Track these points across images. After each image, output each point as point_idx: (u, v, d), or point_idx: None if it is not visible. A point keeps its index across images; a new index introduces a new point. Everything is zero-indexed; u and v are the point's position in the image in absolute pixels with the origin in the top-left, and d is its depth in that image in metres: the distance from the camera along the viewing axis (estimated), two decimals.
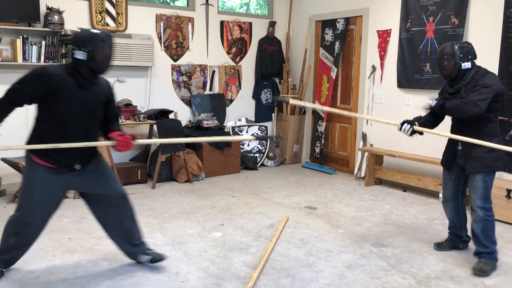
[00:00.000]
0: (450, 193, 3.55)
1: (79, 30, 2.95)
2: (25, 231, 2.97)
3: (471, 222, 3.36)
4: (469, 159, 3.31)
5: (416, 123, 3.44)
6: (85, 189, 3.11)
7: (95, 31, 2.95)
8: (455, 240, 3.67)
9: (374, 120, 3.56)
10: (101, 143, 3.09)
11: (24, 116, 4.81)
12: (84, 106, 2.89)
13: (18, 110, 2.87)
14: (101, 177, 3.10)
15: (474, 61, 3.30)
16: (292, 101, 3.31)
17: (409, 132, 3.39)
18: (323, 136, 6.75)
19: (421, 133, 3.46)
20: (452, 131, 3.41)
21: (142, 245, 3.31)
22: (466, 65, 3.23)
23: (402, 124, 3.42)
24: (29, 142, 2.91)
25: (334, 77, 6.55)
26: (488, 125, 3.26)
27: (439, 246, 3.69)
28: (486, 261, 3.30)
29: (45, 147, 2.80)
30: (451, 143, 3.48)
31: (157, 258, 3.28)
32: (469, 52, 3.25)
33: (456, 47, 3.24)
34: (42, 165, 2.88)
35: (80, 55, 2.82)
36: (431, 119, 3.54)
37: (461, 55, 3.22)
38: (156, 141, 3.05)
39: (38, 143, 2.84)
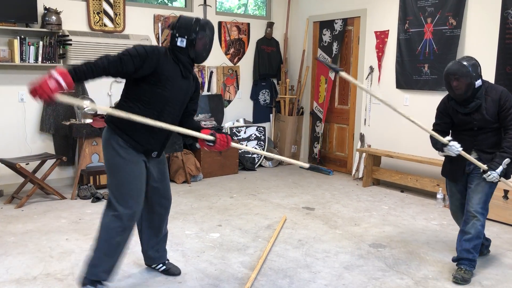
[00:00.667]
0: (457, 206, 3.43)
1: (181, 17, 2.86)
2: (132, 224, 2.78)
3: (466, 227, 3.19)
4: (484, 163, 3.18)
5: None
6: (150, 178, 2.92)
7: (199, 19, 2.83)
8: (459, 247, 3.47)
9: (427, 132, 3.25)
10: (202, 136, 2.83)
11: None
12: (181, 95, 2.82)
13: None
14: (163, 173, 3.01)
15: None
16: (342, 74, 3.21)
17: (457, 151, 3.15)
18: (321, 137, 6.76)
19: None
20: (466, 147, 3.20)
21: (164, 255, 3.21)
22: (478, 82, 3.10)
23: (450, 141, 3.16)
24: (118, 120, 2.67)
25: (333, 78, 6.56)
26: (498, 135, 3.22)
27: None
28: (466, 269, 3.17)
29: (146, 122, 2.59)
30: (461, 156, 3.21)
31: (173, 272, 3.18)
32: (478, 69, 3.12)
33: (469, 66, 3.05)
34: (127, 146, 2.71)
35: (181, 42, 2.75)
36: (443, 128, 3.38)
37: (474, 74, 3.06)
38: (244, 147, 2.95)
39: (129, 123, 2.61)
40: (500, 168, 3.09)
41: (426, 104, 5.24)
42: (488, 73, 4.78)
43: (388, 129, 5.87)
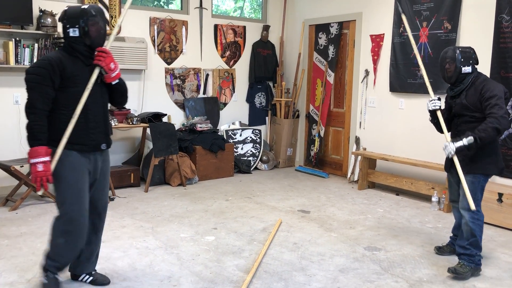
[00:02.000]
0: (455, 196, 3.54)
1: (67, 8, 2.87)
2: (73, 228, 2.80)
3: (462, 225, 3.36)
4: (462, 160, 3.30)
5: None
6: (93, 179, 2.92)
7: (84, 6, 2.85)
8: (455, 244, 3.59)
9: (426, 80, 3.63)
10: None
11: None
12: (95, 82, 2.82)
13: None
14: (106, 175, 3.05)
15: (476, 66, 3.34)
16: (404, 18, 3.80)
17: (433, 107, 3.41)
18: (322, 140, 6.75)
19: (436, 119, 3.47)
20: (452, 135, 3.44)
21: (93, 264, 3.10)
22: (467, 69, 3.28)
23: (438, 99, 3.45)
24: (51, 135, 2.72)
25: (332, 82, 6.55)
26: None
27: (440, 250, 3.68)
28: (463, 263, 3.27)
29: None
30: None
31: (101, 281, 3.06)
32: (470, 57, 3.30)
33: (458, 51, 3.30)
34: (73, 150, 2.76)
35: (73, 32, 2.77)
36: (446, 118, 3.50)
37: (462, 59, 3.27)
38: None
39: (61, 133, 2.70)
40: (460, 143, 3.14)
41: (421, 108, 5.26)
42: None
43: (383, 132, 5.89)
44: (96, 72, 2.80)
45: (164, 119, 5.99)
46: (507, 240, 4.09)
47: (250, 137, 6.90)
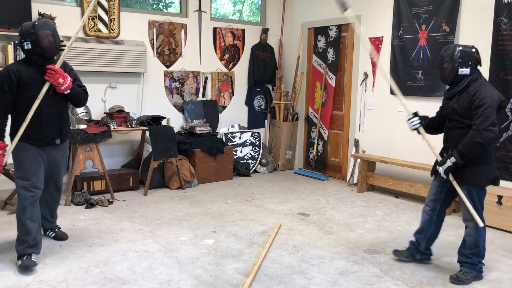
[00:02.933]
0: (429, 200, 3.45)
1: (22, 25, 3.33)
2: (31, 206, 3.34)
3: (465, 234, 3.28)
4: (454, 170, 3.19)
5: (423, 120, 3.41)
6: (47, 165, 3.51)
7: (34, 21, 3.32)
8: (413, 249, 3.53)
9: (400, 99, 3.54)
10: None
11: None
12: (49, 91, 3.35)
13: None
14: (62, 163, 3.65)
15: (477, 68, 3.16)
16: (348, 12, 3.43)
17: (413, 127, 3.36)
18: (324, 143, 6.75)
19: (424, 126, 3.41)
20: (443, 139, 3.37)
21: (53, 223, 3.89)
22: (464, 71, 3.09)
23: (415, 115, 3.38)
24: (13, 132, 3.35)
25: (333, 85, 6.54)
26: None
27: (396, 254, 3.59)
28: (465, 270, 3.24)
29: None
30: (441, 152, 3.38)
31: (60, 237, 3.84)
32: (471, 58, 3.09)
33: (458, 50, 3.11)
34: (28, 144, 3.37)
35: (27, 45, 3.27)
36: (436, 123, 3.44)
37: (460, 60, 3.08)
38: None
39: (18, 129, 3.29)
40: (445, 165, 3.08)
41: (420, 110, 5.24)
42: None
43: (383, 135, 5.89)
44: (46, 85, 3.31)
45: (163, 122, 5.98)
46: (507, 242, 4.09)
47: (249, 140, 6.90)
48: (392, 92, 5.73)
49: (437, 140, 3.48)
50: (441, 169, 3.13)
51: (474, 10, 4.90)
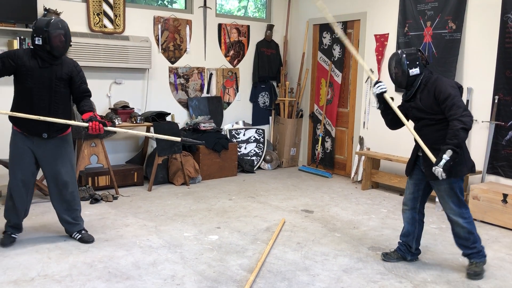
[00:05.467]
0: (407, 199, 3.47)
1: (37, 20, 3.45)
2: (14, 192, 3.55)
3: (454, 228, 3.30)
4: (428, 166, 3.19)
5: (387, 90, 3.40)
6: (42, 161, 3.59)
7: (50, 19, 3.41)
8: (403, 251, 3.51)
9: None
10: (75, 123, 3.64)
11: None
12: (43, 83, 3.43)
13: None
14: (58, 158, 3.61)
15: (427, 66, 3.28)
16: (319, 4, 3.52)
17: (381, 90, 3.34)
18: (332, 140, 6.74)
19: (385, 105, 3.41)
20: (415, 140, 3.32)
21: (76, 225, 3.81)
22: (414, 71, 3.22)
23: (379, 82, 3.40)
24: (11, 119, 3.52)
25: (340, 82, 6.52)
26: (444, 129, 3.13)
27: (386, 257, 3.53)
28: (476, 262, 3.29)
29: (21, 115, 3.37)
30: (414, 149, 3.42)
31: (86, 239, 3.75)
32: (416, 59, 3.23)
33: (403, 54, 3.25)
34: (18, 131, 3.51)
35: (38, 41, 3.35)
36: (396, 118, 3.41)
37: (408, 62, 3.22)
38: (122, 130, 4.02)
39: (14, 117, 3.45)
40: (443, 162, 3.01)
41: None
42: (488, 77, 4.80)
43: (387, 132, 5.83)
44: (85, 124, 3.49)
45: (168, 118, 5.99)
46: None
47: (254, 137, 6.89)
48: (396, 90, 5.71)
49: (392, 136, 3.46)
50: (439, 169, 3.01)
51: (481, 7, 4.87)
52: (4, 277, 3.09)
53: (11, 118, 3.51)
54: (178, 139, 3.88)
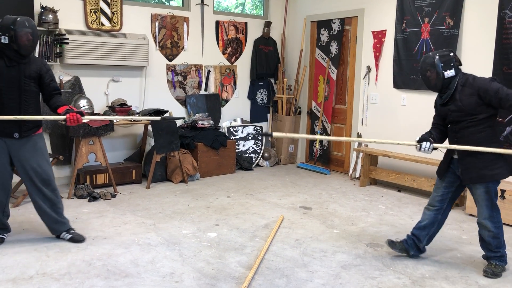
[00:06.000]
0: (436, 200, 3.41)
1: (3, 18, 3.38)
2: None
3: (480, 230, 3.28)
4: (466, 169, 3.19)
5: (430, 139, 3.29)
6: (17, 162, 3.52)
7: (16, 17, 3.35)
8: (409, 244, 3.48)
9: (390, 143, 3.46)
10: (53, 117, 3.53)
11: None
12: (12, 82, 3.38)
13: None
14: (34, 156, 3.53)
15: (459, 67, 3.22)
16: (275, 134, 3.39)
17: (431, 150, 3.23)
18: (327, 136, 6.76)
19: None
20: (451, 143, 3.28)
21: (64, 224, 3.74)
22: (450, 73, 3.16)
23: (420, 142, 3.25)
24: None
25: (335, 79, 6.53)
26: (484, 131, 3.14)
27: (391, 244, 3.53)
28: (496, 264, 3.26)
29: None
30: (448, 152, 3.35)
31: (76, 238, 3.70)
32: (451, 60, 3.17)
33: (437, 57, 3.17)
34: None
35: (4, 39, 3.29)
36: (440, 132, 3.39)
37: (443, 64, 3.15)
38: (98, 118, 4.03)
39: None
40: None
41: (423, 104, 5.25)
42: (485, 73, 4.78)
43: (385, 129, 5.88)
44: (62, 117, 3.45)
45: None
46: (509, 236, 4.08)
47: (252, 134, 6.89)
48: (395, 86, 5.71)
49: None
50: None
51: (478, 3, 4.87)
52: (2, 276, 3.09)
53: None
54: (158, 118, 3.91)
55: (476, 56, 4.90)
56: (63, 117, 3.45)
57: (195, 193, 5.29)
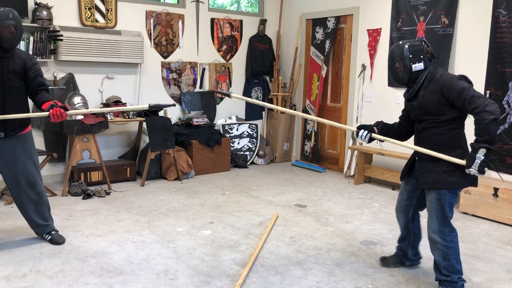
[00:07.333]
0: (401, 206, 3.19)
1: None
2: None
3: (431, 250, 2.96)
4: (422, 173, 2.89)
5: (375, 128, 3.10)
6: (2, 162, 3.39)
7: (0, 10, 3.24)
8: (400, 256, 3.33)
9: (330, 124, 3.26)
10: (36, 115, 3.41)
11: None
12: None
13: None
14: (20, 158, 3.41)
15: (431, 61, 2.91)
16: (234, 95, 3.36)
17: (366, 139, 3.05)
18: (314, 133, 6.78)
19: (381, 140, 3.10)
20: (415, 143, 3.00)
21: (46, 226, 3.64)
22: (418, 66, 2.84)
23: (359, 129, 3.09)
24: None
25: (324, 76, 6.57)
26: (447, 134, 2.81)
27: (384, 261, 3.35)
28: None
29: None
30: (413, 153, 3.10)
31: (56, 240, 3.60)
32: (421, 52, 2.85)
33: (406, 46, 2.86)
34: None
35: None
36: (400, 127, 3.15)
37: (411, 56, 2.84)
38: (83, 111, 3.89)
39: None
40: (477, 162, 2.63)
41: None
42: (480, 72, 4.82)
43: None
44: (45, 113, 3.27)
45: (161, 113, 5.97)
46: (502, 234, 4.11)
47: (247, 132, 6.89)
48: (390, 84, 5.73)
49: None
50: (474, 170, 2.66)
51: (472, 2, 4.89)
52: None
53: None
54: (146, 106, 3.55)
55: (471, 55, 4.92)
56: (46, 113, 3.26)
57: (189, 191, 5.29)
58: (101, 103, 5.63)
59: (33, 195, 3.50)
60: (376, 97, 5.94)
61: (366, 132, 3.07)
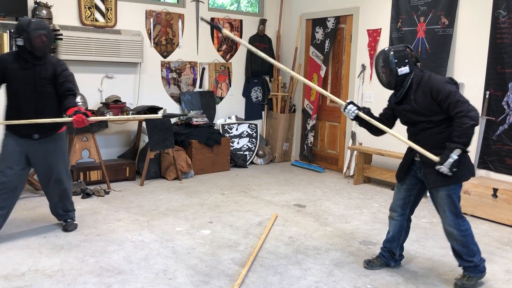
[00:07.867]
0: (398, 205, 3.22)
1: (18, 21, 3.47)
2: (1, 190, 3.46)
3: (448, 240, 3.09)
4: (430, 172, 2.95)
5: (364, 108, 3.22)
6: (34, 161, 3.60)
7: (31, 19, 3.43)
8: (386, 257, 3.32)
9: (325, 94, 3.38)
10: (60, 120, 3.57)
11: None
12: (28, 84, 3.44)
13: None
14: (51, 157, 3.63)
15: (416, 64, 3.04)
16: (225, 31, 3.39)
17: (353, 115, 3.16)
18: (312, 133, 6.79)
19: (366, 123, 3.21)
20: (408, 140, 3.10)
21: (65, 215, 3.90)
22: (403, 70, 2.97)
23: (348, 104, 3.20)
24: (3, 117, 3.59)
25: (323, 76, 6.56)
26: (445, 131, 2.92)
27: (369, 264, 3.33)
28: (469, 275, 3.06)
29: (9, 123, 3.49)
30: (408, 153, 3.18)
31: (65, 228, 3.86)
32: (405, 56, 2.98)
33: (391, 52, 2.99)
34: (10, 133, 3.53)
35: (19, 41, 3.36)
36: (380, 122, 3.22)
37: (396, 61, 2.96)
38: (103, 118, 4.21)
39: (6, 117, 3.54)
40: (450, 161, 2.78)
41: None
42: (479, 72, 4.82)
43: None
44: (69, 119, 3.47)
45: (160, 113, 5.96)
46: (502, 235, 4.11)
47: (246, 132, 6.89)
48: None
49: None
50: (444, 168, 2.80)
51: (472, 2, 4.89)
52: None
53: (4, 126, 3.57)
54: (159, 115, 3.94)
55: (470, 56, 4.93)
56: (70, 119, 3.45)
57: (189, 191, 5.29)
58: (101, 103, 5.63)
59: (58, 191, 3.76)
60: (375, 97, 5.93)
61: (354, 107, 3.21)
